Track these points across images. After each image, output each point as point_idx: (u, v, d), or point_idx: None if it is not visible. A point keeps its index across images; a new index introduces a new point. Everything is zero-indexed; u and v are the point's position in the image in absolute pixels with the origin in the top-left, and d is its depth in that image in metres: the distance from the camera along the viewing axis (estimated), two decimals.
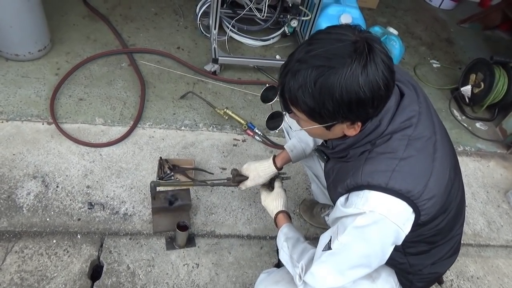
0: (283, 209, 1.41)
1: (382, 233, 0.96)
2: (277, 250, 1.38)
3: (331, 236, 1.03)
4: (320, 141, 1.28)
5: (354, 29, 0.88)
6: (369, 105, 0.88)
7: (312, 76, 0.85)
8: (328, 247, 1.02)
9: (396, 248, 1.16)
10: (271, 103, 1.18)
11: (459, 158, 1.23)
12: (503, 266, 2.03)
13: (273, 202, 1.43)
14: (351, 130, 0.96)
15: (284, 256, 1.24)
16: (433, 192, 0.96)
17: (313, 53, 0.86)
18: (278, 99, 1.02)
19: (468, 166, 2.52)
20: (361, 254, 1.00)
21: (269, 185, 1.54)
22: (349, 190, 0.99)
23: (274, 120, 1.13)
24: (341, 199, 1.03)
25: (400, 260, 1.21)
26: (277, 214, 1.40)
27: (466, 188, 2.31)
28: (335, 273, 1.04)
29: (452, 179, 1.08)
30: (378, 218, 0.93)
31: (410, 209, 0.95)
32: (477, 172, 2.50)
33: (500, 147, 2.73)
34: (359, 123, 0.93)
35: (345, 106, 0.86)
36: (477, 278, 1.95)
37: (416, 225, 0.99)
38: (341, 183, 1.02)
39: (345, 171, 1.03)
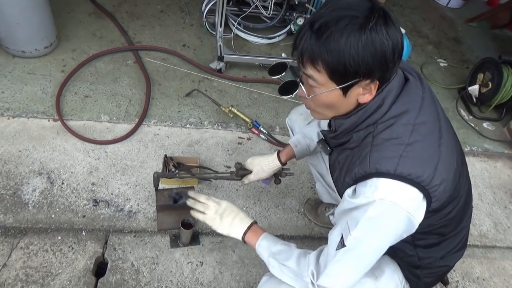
0: (252, 221, 1.29)
1: (394, 221, 0.94)
2: None
3: (342, 234, 1.01)
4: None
5: None
6: (389, 58, 0.89)
7: (337, 27, 0.86)
8: (342, 244, 1.00)
9: (406, 240, 1.14)
10: (279, 76, 1.16)
11: (465, 159, 1.22)
12: (509, 268, 2.01)
13: (238, 213, 1.30)
14: (367, 95, 0.95)
15: (275, 270, 1.17)
16: (442, 177, 0.95)
17: (333, 7, 0.88)
18: (288, 73, 1.02)
19: (475, 167, 2.50)
20: (376, 245, 0.99)
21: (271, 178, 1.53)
22: (357, 179, 0.98)
23: (288, 89, 1.09)
24: (348, 191, 1.01)
25: (410, 252, 1.19)
26: (247, 230, 1.27)
27: (472, 189, 2.29)
28: (353, 270, 1.02)
29: (459, 166, 1.07)
30: (389, 206, 0.91)
31: (421, 195, 0.94)
32: (484, 173, 2.48)
33: (508, 147, 2.70)
34: (377, 83, 0.92)
35: (369, 56, 0.87)
36: (483, 279, 1.93)
37: (427, 213, 0.98)
38: (349, 173, 1.00)
39: (351, 160, 1.02)
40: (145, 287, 1.58)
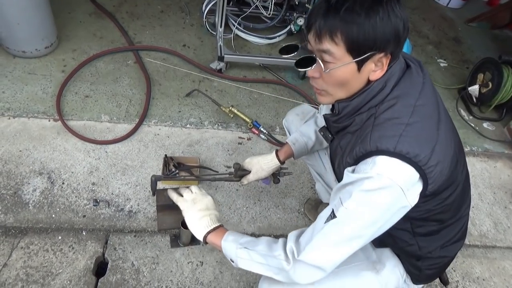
0: (218, 224, 1.23)
1: (388, 197, 0.94)
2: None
3: (333, 209, 0.99)
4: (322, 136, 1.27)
5: None
6: (401, 34, 0.93)
7: (355, 1, 0.90)
8: (332, 216, 0.97)
9: (405, 229, 1.14)
10: (290, 56, 1.14)
11: (466, 159, 1.22)
12: (509, 268, 2.01)
13: (205, 216, 1.23)
14: (378, 71, 0.98)
15: (244, 262, 1.11)
16: (439, 158, 0.96)
17: None
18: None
19: (475, 167, 2.50)
20: (367, 220, 0.96)
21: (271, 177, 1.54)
22: (358, 159, 0.98)
23: (304, 63, 1.04)
24: (349, 168, 1.01)
25: (410, 241, 1.19)
26: (212, 230, 1.21)
27: (472, 189, 2.30)
28: (340, 243, 0.98)
29: (457, 153, 1.08)
30: (385, 183, 0.92)
31: (417, 175, 0.94)
32: (484, 173, 2.48)
33: (508, 147, 2.71)
34: (389, 57, 0.96)
35: (387, 28, 0.91)
36: (483, 279, 1.93)
37: (424, 196, 0.98)
38: (350, 153, 1.01)
39: (353, 142, 1.03)
40: (145, 287, 1.58)
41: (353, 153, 0.99)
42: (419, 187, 0.97)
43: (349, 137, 1.08)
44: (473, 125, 2.81)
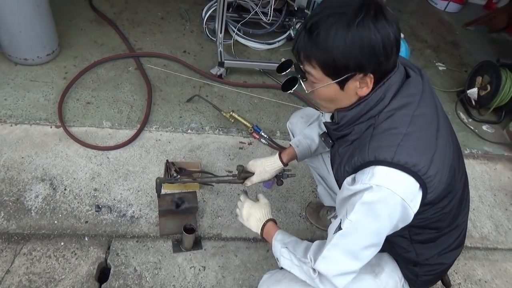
0: (271, 217, 1.35)
1: (390, 208, 0.95)
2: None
3: (341, 219, 1.02)
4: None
5: None
6: (379, 52, 0.91)
7: (325, 24, 0.91)
8: (339, 228, 1.01)
9: (403, 235, 1.16)
10: (285, 72, 1.20)
11: (465, 161, 1.23)
12: (511, 270, 2.01)
13: (261, 209, 1.35)
14: (364, 89, 0.98)
15: (286, 262, 1.18)
16: (438, 167, 0.97)
17: (326, 5, 0.93)
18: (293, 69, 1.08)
19: (475, 169, 2.51)
20: (372, 231, 0.99)
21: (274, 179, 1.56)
22: (356, 168, 1.00)
23: (290, 85, 1.15)
24: (348, 179, 1.03)
25: (407, 248, 1.20)
26: (266, 222, 1.32)
27: (473, 191, 2.31)
28: (348, 255, 1.02)
29: (455, 161, 1.09)
30: (385, 193, 0.93)
31: (417, 185, 0.95)
32: (484, 175, 2.49)
33: (507, 149, 2.71)
34: (371, 76, 0.95)
35: (357, 51, 0.90)
36: (485, 281, 1.93)
37: (423, 205, 0.99)
38: (348, 162, 1.03)
39: (351, 151, 1.05)
40: None
41: (352, 162, 1.01)
42: (420, 196, 0.98)
43: (348, 144, 1.09)
44: (472, 128, 2.82)
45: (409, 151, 0.94)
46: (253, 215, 1.35)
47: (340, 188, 1.10)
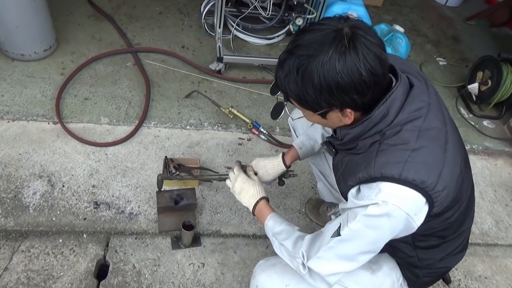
0: (265, 195, 1.33)
1: (393, 222, 0.95)
2: None
3: (340, 223, 1.02)
4: (328, 134, 1.27)
5: (341, 19, 0.91)
6: (352, 91, 0.89)
7: (294, 65, 0.90)
8: (337, 233, 1.01)
9: (406, 241, 1.15)
10: (277, 95, 1.20)
11: (472, 175, 1.23)
12: (511, 266, 2.00)
13: (255, 186, 1.34)
14: (346, 118, 0.97)
15: (276, 250, 1.21)
16: (446, 183, 0.95)
17: (297, 43, 0.91)
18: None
19: (476, 165, 2.50)
20: (371, 240, 0.99)
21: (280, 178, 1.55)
22: (361, 182, 0.99)
23: (277, 110, 1.19)
24: (353, 190, 1.02)
25: (409, 253, 1.19)
26: (259, 200, 1.31)
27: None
28: (343, 258, 1.03)
29: (463, 171, 1.07)
30: (391, 209, 0.92)
31: (424, 200, 0.94)
32: (484, 171, 2.48)
33: (508, 145, 2.70)
34: (349, 110, 0.94)
35: (325, 92, 0.90)
36: (485, 277, 1.93)
37: (428, 217, 0.98)
38: (352, 176, 1.01)
39: (355, 164, 1.02)
40: None
41: (356, 177, 0.99)
42: (425, 210, 0.97)
43: (352, 156, 1.07)
44: (473, 123, 2.81)
45: (417, 167, 0.92)
46: (245, 190, 1.34)
47: (340, 192, 1.11)
